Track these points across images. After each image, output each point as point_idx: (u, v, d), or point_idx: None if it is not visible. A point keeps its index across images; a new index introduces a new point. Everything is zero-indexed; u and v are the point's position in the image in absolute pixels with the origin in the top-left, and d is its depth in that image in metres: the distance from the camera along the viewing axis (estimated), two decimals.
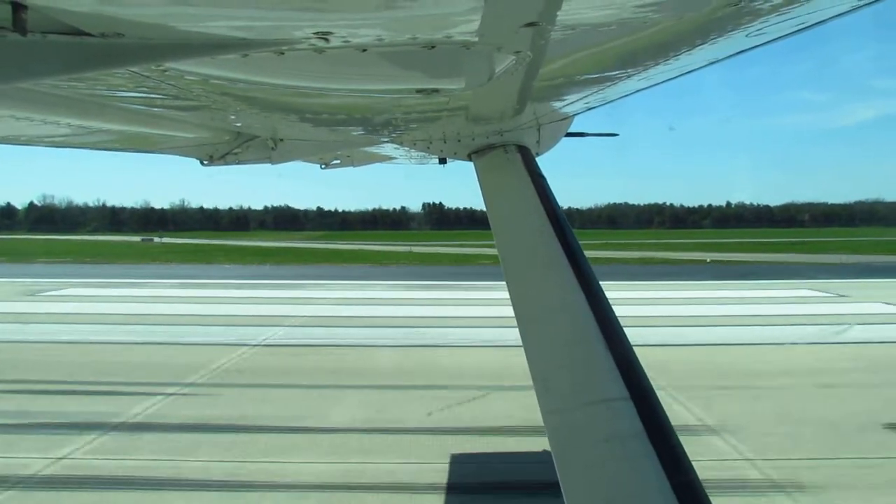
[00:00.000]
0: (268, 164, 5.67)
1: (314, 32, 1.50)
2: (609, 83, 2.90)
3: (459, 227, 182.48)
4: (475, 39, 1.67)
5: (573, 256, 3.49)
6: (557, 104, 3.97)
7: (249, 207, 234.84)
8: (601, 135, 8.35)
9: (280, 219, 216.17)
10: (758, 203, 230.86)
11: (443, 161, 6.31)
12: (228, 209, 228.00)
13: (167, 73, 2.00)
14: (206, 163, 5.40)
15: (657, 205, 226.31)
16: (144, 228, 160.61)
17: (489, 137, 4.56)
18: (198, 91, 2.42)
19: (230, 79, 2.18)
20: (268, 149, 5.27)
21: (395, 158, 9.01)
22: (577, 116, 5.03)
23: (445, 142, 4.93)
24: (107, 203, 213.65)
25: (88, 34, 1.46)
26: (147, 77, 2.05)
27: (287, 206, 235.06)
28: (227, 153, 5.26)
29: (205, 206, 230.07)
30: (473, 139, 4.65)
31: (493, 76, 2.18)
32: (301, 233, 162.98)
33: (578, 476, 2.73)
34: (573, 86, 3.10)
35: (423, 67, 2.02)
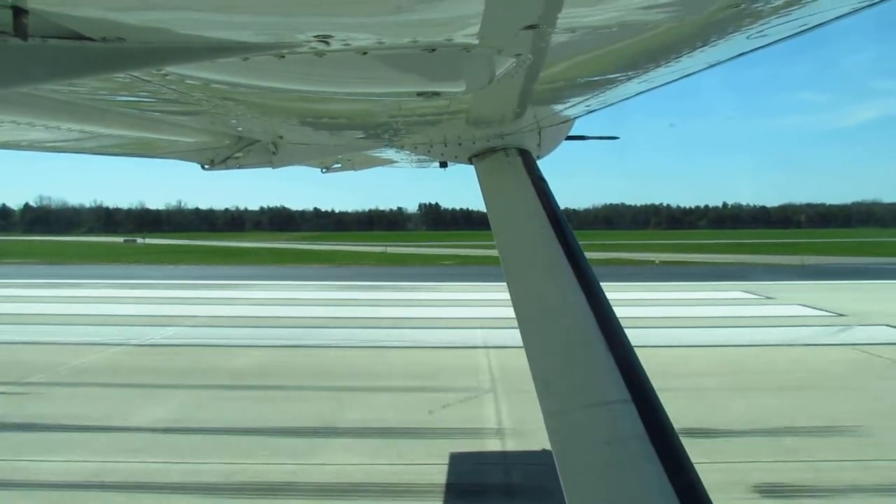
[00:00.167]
0: (267, 168, 5.68)
1: (315, 35, 1.50)
2: (610, 86, 2.89)
3: (456, 228, 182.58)
4: (475, 42, 1.67)
5: (574, 259, 3.48)
6: (558, 107, 3.97)
7: (246, 208, 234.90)
8: (602, 138, 8.33)
9: (276, 220, 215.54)
10: (754, 204, 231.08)
11: (444, 164, 6.31)
12: (224, 210, 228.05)
13: (168, 78, 2.00)
14: (207, 167, 5.40)
15: (653, 205, 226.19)
16: (139, 230, 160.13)
17: (490, 141, 4.56)
18: (199, 95, 2.42)
19: (231, 83, 2.18)
20: (269, 153, 5.28)
21: (396, 162, 9.01)
22: (578, 119, 5.02)
23: (446, 145, 4.93)
24: (103, 205, 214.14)
25: (89, 38, 1.46)
26: (148, 81, 2.05)
27: (283, 207, 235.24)
28: (228, 157, 5.27)
29: (200, 207, 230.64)
30: (474, 142, 4.65)
31: (494, 79, 2.18)
32: (294, 234, 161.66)
33: (580, 478, 2.72)
34: (574, 89, 3.10)
35: (424, 70, 2.03)
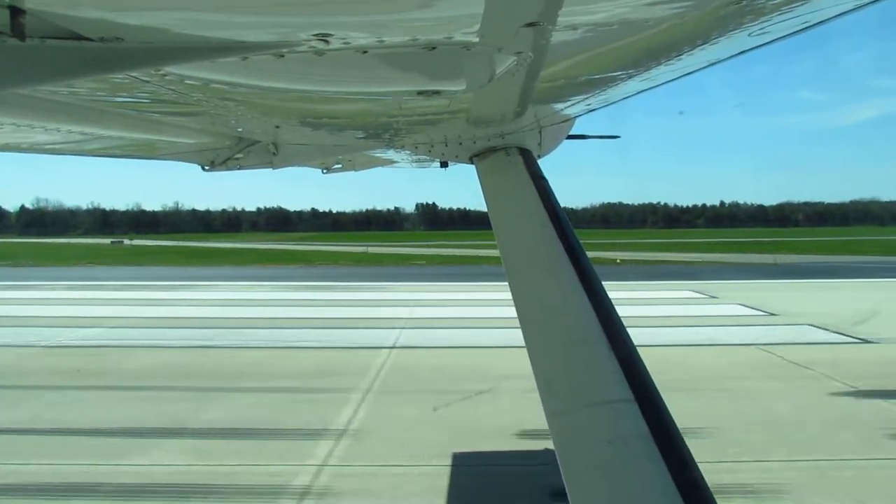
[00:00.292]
0: (267, 168, 5.68)
1: (314, 34, 1.49)
2: (610, 84, 2.89)
3: (453, 228, 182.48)
4: (476, 40, 1.66)
5: (575, 258, 3.47)
6: (559, 106, 3.97)
7: (243, 209, 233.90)
8: (603, 137, 8.32)
9: (272, 220, 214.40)
10: (751, 203, 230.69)
11: (444, 164, 6.30)
12: (221, 211, 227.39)
13: (167, 78, 1.99)
14: (208, 168, 5.40)
15: (651, 205, 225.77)
16: (136, 231, 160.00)
17: (490, 140, 4.55)
18: (198, 96, 2.42)
19: (230, 83, 2.18)
20: (269, 154, 5.27)
21: (397, 162, 9.01)
22: (579, 118, 5.02)
23: (447, 145, 4.92)
24: (101, 206, 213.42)
25: (88, 39, 1.45)
26: (147, 82, 2.04)
27: (280, 208, 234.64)
28: (229, 158, 5.26)
29: (197, 209, 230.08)
30: (475, 142, 4.64)
31: (494, 77, 2.18)
32: (288, 234, 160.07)
33: (583, 477, 2.71)
34: (575, 87, 3.09)
35: (424, 69, 2.02)
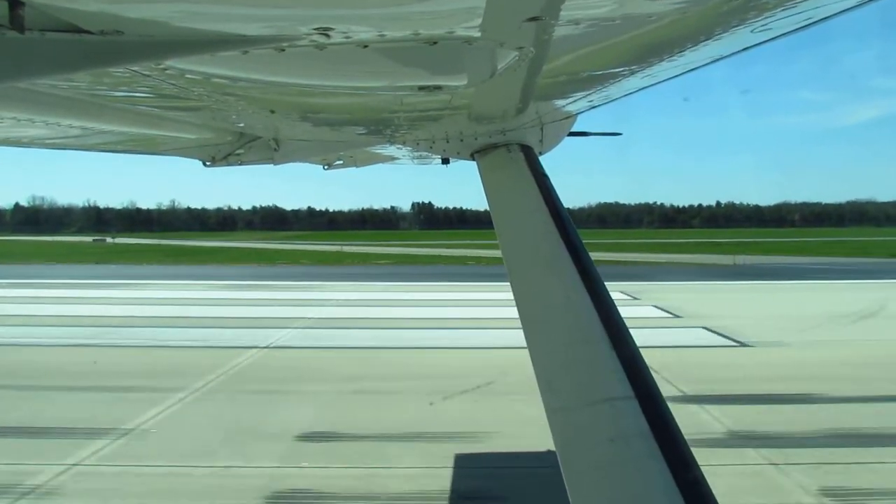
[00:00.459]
0: (265, 166, 5.68)
1: (315, 28, 1.48)
2: (613, 80, 2.88)
3: (449, 227, 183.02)
4: (477, 35, 1.66)
5: (577, 256, 3.47)
6: (561, 102, 3.96)
7: (240, 208, 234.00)
8: (604, 134, 8.31)
9: (268, 219, 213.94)
10: (747, 203, 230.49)
11: (445, 161, 6.29)
12: (217, 209, 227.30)
13: (167, 72, 1.99)
14: (209, 164, 5.40)
15: (647, 204, 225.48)
16: (130, 229, 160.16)
17: (492, 137, 4.54)
18: (198, 90, 2.41)
19: (231, 77, 2.17)
20: (270, 149, 5.27)
21: (398, 158, 9.00)
22: (580, 115, 5.01)
23: (448, 141, 4.91)
24: (96, 204, 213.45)
25: (87, 31, 1.45)
26: (147, 76, 2.03)
27: (275, 206, 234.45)
28: (230, 154, 5.26)
29: (193, 207, 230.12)
30: (476, 138, 4.63)
31: (496, 73, 2.17)
32: (280, 233, 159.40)
33: (583, 475, 2.71)
34: (577, 83, 3.08)
35: (425, 64, 2.01)
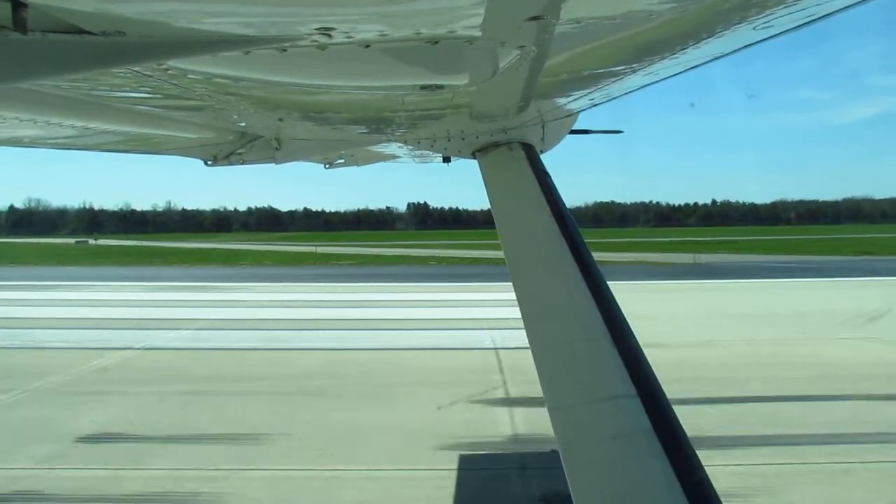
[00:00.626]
0: (266, 167, 5.68)
1: (316, 28, 1.48)
2: (614, 78, 2.87)
3: (444, 227, 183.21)
4: (479, 34, 1.66)
5: (578, 253, 3.47)
6: (562, 101, 3.95)
7: (235, 209, 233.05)
8: (606, 131, 8.31)
9: (263, 220, 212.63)
10: (743, 201, 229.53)
11: (447, 159, 6.29)
12: (212, 210, 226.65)
13: (169, 72, 1.99)
14: (211, 163, 5.40)
15: (643, 203, 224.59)
16: (124, 231, 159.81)
17: (493, 135, 4.54)
18: (200, 90, 2.41)
19: (232, 77, 2.17)
20: (271, 148, 5.27)
21: (399, 157, 8.99)
22: (582, 113, 5.00)
23: (449, 140, 4.91)
24: (93, 206, 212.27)
25: (89, 32, 1.45)
26: (149, 76, 2.04)
27: (270, 207, 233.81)
28: (231, 153, 5.26)
29: (187, 208, 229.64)
30: (477, 137, 4.63)
31: (497, 72, 2.17)
32: (276, 234, 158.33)
33: (586, 473, 2.71)
34: (578, 81, 3.08)
35: (427, 63, 2.01)
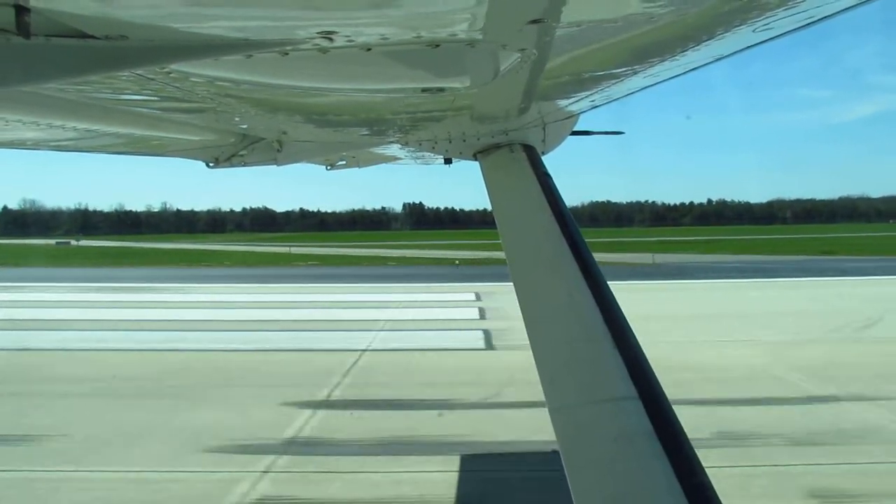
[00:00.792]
0: (265, 168, 5.69)
1: (318, 32, 1.49)
2: (615, 80, 2.88)
3: (439, 227, 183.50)
4: (480, 37, 1.66)
5: (580, 255, 3.47)
6: (563, 102, 3.96)
7: (231, 209, 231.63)
8: (606, 133, 8.33)
9: (258, 221, 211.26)
10: (738, 200, 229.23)
11: (448, 161, 6.29)
12: (206, 211, 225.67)
13: (171, 76, 2.00)
14: (212, 165, 5.41)
15: (638, 203, 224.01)
16: (118, 232, 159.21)
17: (495, 137, 4.54)
18: (202, 93, 2.42)
19: (234, 80, 2.18)
20: (273, 150, 5.28)
21: (400, 159, 9.01)
22: (583, 114, 5.01)
23: (451, 142, 4.92)
24: (88, 207, 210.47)
25: (92, 36, 1.46)
26: (151, 79, 2.04)
27: (265, 208, 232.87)
28: (233, 155, 5.27)
29: (181, 209, 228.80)
30: (479, 139, 4.63)
31: (499, 74, 2.17)
32: (267, 235, 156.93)
33: (587, 475, 2.71)
34: (579, 83, 3.08)
35: (428, 66, 2.02)
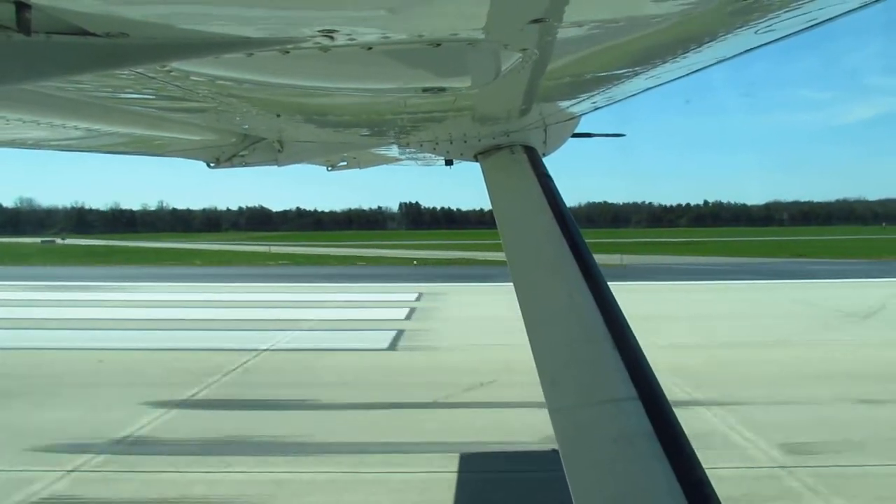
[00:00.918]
0: (264, 168, 5.70)
1: (319, 30, 1.49)
2: (617, 82, 2.88)
3: (435, 227, 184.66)
4: (481, 37, 1.66)
5: (580, 256, 3.47)
6: (564, 104, 3.96)
7: (227, 209, 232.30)
8: (608, 135, 8.31)
9: (254, 220, 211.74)
10: (735, 202, 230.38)
11: (449, 162, 6.29)
12: (202, 210, 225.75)
13: (172, 74, 2.00)
14: (213, 165, 5.41)
15: (635, 204, 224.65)
16: (113, 231, 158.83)
17: (495, 138, 4.54)
18: (203, 92, 2.42)
19: (235, 79, 2.18)
20: (274, 151, 5.28)
21: (401, 160, 9.01)
22: (584, 116, 5.01)
23: (451, 143, 4.92)
24: (83, 205, 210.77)
25: (93, 34, 1.45)
26: (152, 78, 2.04)
27: (261, 207, 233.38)
28: (234, 155, 5.27)
29: (177, 208, 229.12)
30: (480, 140, 4.63)
31: (500, 74, 2.17)
32: (256, 234, 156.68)
33: (586, 475, 2.71)
34: (580, 85, 3.08)
35: (429, 66, 2.01)
